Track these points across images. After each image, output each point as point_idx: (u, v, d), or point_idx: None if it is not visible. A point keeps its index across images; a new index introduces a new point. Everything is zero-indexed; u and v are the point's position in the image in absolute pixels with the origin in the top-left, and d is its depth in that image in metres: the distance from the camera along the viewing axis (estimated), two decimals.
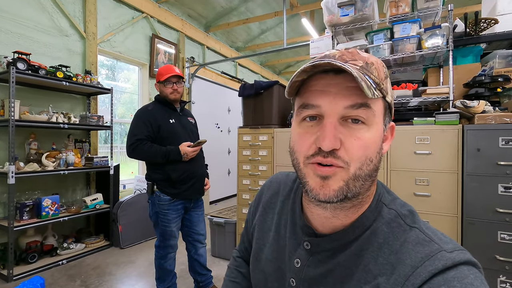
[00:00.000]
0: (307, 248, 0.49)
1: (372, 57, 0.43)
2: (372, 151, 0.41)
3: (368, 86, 0.37)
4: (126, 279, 2.41)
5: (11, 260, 2.29)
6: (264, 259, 0.57)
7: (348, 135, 0.40)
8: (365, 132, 0.40)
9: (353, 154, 0.39)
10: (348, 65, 0.39)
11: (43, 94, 2.86)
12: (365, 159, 0.40)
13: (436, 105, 2.23)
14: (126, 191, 3.85)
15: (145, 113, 1.82)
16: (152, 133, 1.79)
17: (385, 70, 0.44)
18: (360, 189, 0.41)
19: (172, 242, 1.89)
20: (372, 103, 0.40)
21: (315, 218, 0.49)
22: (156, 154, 1.75)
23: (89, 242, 2.94)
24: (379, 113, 0.42)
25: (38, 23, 2.86)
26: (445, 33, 2.04)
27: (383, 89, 0.42)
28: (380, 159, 0.43)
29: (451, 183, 1.79)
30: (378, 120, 0.42)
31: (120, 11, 3.72)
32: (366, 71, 0.40)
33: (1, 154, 2.55)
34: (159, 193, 1.82)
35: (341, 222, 0.46)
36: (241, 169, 2.56)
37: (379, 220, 0.45)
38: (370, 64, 0.41)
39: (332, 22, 2.39)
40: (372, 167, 0.41)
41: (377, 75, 0.41)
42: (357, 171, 0.40)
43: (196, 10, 4.90)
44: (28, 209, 2.45)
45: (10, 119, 2.29)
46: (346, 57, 0.42)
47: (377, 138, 0.42)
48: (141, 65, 4.20)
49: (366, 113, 0.40)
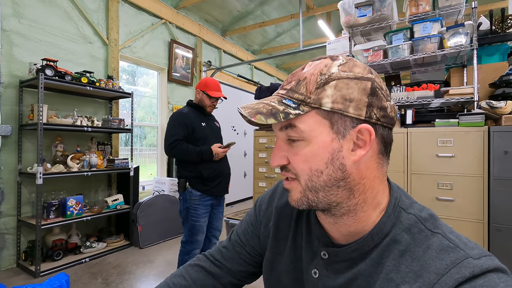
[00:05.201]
0: (325, 258, 0.48)
1: (312, 69, 0.43)
2: (315, 163, 0.42)
3: (271, 114, 0.41)
4: (145, 278, 2.47)
5: (38, 256, 2.41)
6: (280, 269, 0.55)
7: (290, 152, 0.44)
8: (303, 148, 0.42)
9: (297, 168, 0.43)
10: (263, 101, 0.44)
11: (69, 98, 3.00)
12: (309, 171, 0.42)
13: (460, 106, 2.15)
14: (145, 192, 3.96)
15: (181, 116, 2.02)
16: (187, 134, 1.99)
17: (323, 77, 0.41)
18: (327, 199, 0.43)
19: (199, 237, 2.02)
20: (297, 121, 0.42)
21: (327, 225, 0.49)
22: (191, 153, 1.94)
23: (110, 241, 3.04)
24: (316, 125, 0.41)
25: (64, 32, 3.01)
26: (469, 31, 1.97)
27: (314, 101, 0.41)
28: (339, 168, 0.41)
29: (476, 188, 1.71)
30: (317, 133, 0.41)
31: (140, 18, 3.85)
32: (289, 94, 0.43)
33: (30, 156, 2.69)
34: (191, 189, 1.99)
35: (346, 229, 0.45)
36: (257, 172, 2.57)
37: (398, 226, 0.43)
38: (302, 81, 0.43)
39: (349, 23, 2.37)
40: (326, 178, 0.42)
41: (303, 91, 0.42)
42: (308, 183, 0.43)
43: (213, 15, 4.99)
44: (54, 209, 2.57)
45: (39, 122, 2.42)
46: (284, 83, 0.46)
47: (320, 150, 0.42)
48: (160, 69, 4.32)
49: (295, 132, 0.42)
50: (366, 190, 0.44)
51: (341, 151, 0.42)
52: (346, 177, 0.42)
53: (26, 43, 2.72)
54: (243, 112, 0.43)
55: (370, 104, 0.41)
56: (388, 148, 0.46)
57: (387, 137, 0.45)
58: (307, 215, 0.55)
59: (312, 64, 0.44)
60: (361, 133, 0.41)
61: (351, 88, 0.41)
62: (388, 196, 0.46)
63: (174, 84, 4.47)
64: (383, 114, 0.43)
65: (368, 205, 0.44)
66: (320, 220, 0.50)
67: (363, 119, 0.41)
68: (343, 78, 0.41)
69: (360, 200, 0.44)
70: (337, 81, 0.41)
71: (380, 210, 0.45)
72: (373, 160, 0.44)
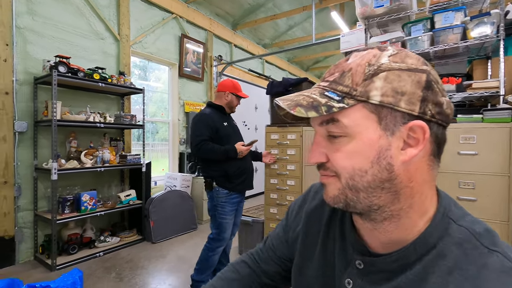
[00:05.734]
0: (360, 267, 0.45)
1: (359, 59, 0.40)
2: (359, 162, 0.39)
3: (312, 107, 0.38)
4: (157, 273, 2.49)
5: (54, 250, 2.46)
6: (309, 275, 0.53)
7: (330, 149, 0.41)
8: (346, 144, 0.39)
9: (338, 166, 0.40)
10: (303, 93, 0.41)
11: (82, 95, 3.03)
12: (351, 170, 0.39)
13: (483, 100, 2.03)
14: (157, 187, 3.99)
15: (205, 117, 2.07)
16: (212, 134, 2.04)
17: (371, 68, 0.38)
18: (368, 201, 0.39)
19: (226, 235, 2.08)
20: (341, 116, 0.39)
21: (364, 230, 0.45)
22: (217, 153, 1.99)
23: (123, 236, 3.09)
24: (362, 120, 0.38)
25: (77, 28, 3.03)
26: (495, 21, 1.84)
27: (361, 94, 0.38)
28: (386, 169, 0.38)
29: (501, 187, 1.62)
30: (362, 128, 0.38)
31: (151, 13, 3.83)
32: (332, 86, 0.40)
33: (45, 152, 2.74)
34: (218, 188, 2.05)
35: (387, 236, 0.42)
36: (269, 168, 2.53)
37: (446, 239, 0.39)
38: (347, 72, 0.40)
39: (365, 14, 2.27)
40: (371, 178, 0.38)
41: (349, 83, 0.39)
42: (350, 181, 0.40)
43: (224, 9, 4.93)
44: (69, 204, 2.62)
45: (53, 119, 2.45)
46: (326, 75, 0.43)
47: (365, 148, 0.38)
48: (171, 65, 4.31)
49: (337, 127, 0.39)
50: (413, 195, 0.40)
51: (389, 150, 0.38)
52: (393, 178, 0.38)
53: (39, 40, 2.75)
54: (281, 104, 0.40)
55: (425, 98, 0.37)
56: (441, 149, 0.42)
57: (441, 136, 0.40)
58: (341, 219, 0.52)
59: (358, 55, 0.41)
60: (413, 130, 0.38)
61: (404, 81, 0.37)
62: (436, 204, 0.42)
63: (185, 80, 4.45)
64: (439, 111, 0.38)
65: (414, 211, 0.40)
66: (356, 225, 0.47)
67: (416, 115, 0.37)
68: (394, 70, 0.38)
69: (406, 205, 0.40)
70: (387, 73, 0.37)
71: (427, 218, 0.41)
72: (424, 162, 0.40)
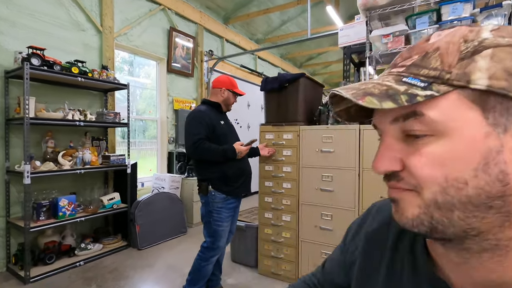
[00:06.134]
0: None
1: (448, 37, 0.30)
2: (456, 169, 0.28)
3: (387, 96, 0.29)
4: (143, 284, 2.30)
5: (28, 261, 2.24)
6: None
7: (408, 153, 0.31)
8: (434, 146, 0.29)
9: (420, 175, 0.30)
10: (372, 81, 0.32)
11: (60, 90, 2.79)
12: (443, 180, 0.28)
13: None
14: (144, 189, 3.78)
15: (201, 115, 1.91)
16: (208, 133, 1.89)
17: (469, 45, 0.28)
18: (465, 223, 0.29)
19: (221, 243, 1.94)
20: (425, 107, 0.29)
21: (448, 263, 0.35)
22: (216, 153, 1.85)
23: (106, 243, 2.88)
24: (459, 113, 0.28)
25: (54, 18, 2.79)
26: (506, 13, 1.73)
27: (458, 77, 0.28)
28: (497, 179, 0.27)
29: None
30: (460, 123, 0.28)
31: (137, 4, 3.60)
32: (411, 70, 0.31)
33: (18, 153, 2.50)
34: (214, 192, 1.90)
35: (485, 275, 0.31)
36: (263, 170, 2.36)
37: None
38: (432, 53, 0.30)
39: (366, 5, 2.12)
40: (473, 192, 0.27)
41: (437, 65, 0.29)
42: (439, 197, 0.29)
43: (215, 1, 4.72)
44: (45, 209, 2.40)
45: (25, 116, 2.22)
46: (398, 60, 0.34)
47: (465, 150, 0.28)
48: (158, 59, 4.09)
49: (421, 122, 0.29)
50: None
51: (502, 153, 0.27)
52: (508, 194, 0.27)
53: (12, 30, 2.50)
54: (344, 93, 0.30)
55: None
56: None
57: None
58: (411, 245, 0.41)
59: (443, 33, 0.31)
60: None
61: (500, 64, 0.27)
62: None
63: (174, 75, 4.23)
64: None
65: None
66: (433, 255, 0.37)
67: None
68: (503, 46, 0.27)
69: None
70: (493, 49, 0.27)
71: None
72: None
